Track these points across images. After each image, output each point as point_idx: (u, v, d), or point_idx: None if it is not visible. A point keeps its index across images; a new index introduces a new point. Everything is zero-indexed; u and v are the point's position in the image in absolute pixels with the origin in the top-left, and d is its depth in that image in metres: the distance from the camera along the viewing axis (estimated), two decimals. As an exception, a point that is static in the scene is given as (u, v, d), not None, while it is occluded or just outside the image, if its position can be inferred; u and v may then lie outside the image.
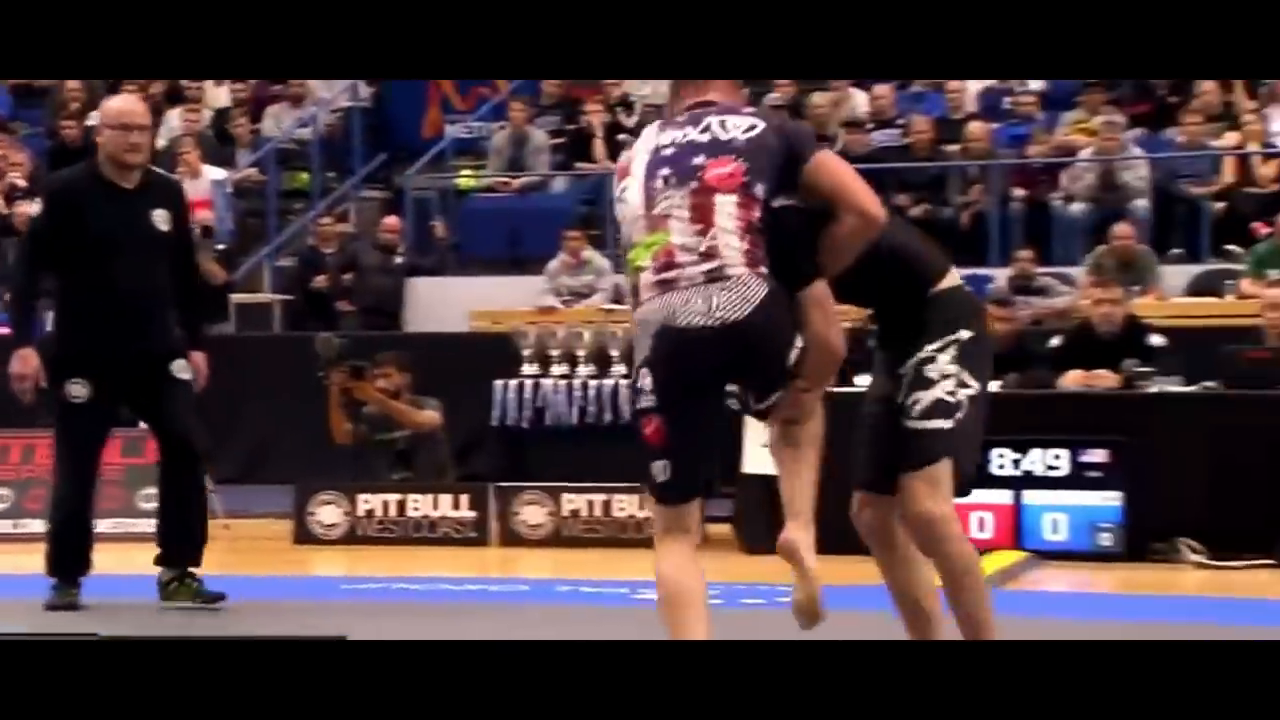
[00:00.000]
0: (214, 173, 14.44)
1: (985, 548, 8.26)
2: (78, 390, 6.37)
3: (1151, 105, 13.83)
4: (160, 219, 6.43)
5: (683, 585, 4.02)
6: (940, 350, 4.13)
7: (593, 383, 10.79)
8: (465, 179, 14.38)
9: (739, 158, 3.98)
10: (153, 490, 9.61)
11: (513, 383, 10.88)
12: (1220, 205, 12.75)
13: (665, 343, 3.94)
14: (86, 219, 6.33)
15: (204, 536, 6.61)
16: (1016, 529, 8.38)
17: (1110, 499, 8.27)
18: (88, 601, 6.51)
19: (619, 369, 10.78)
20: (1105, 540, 8.25)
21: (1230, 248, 12.48)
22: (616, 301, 12.71)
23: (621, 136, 14.58)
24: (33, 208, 6.69)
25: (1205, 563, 8.04)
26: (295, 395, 10.65)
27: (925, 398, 4.11)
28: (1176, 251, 12.68)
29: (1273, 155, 12.95)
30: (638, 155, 4.10)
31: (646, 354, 3.98)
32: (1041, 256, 12.31)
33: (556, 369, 10.92)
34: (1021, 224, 12.96)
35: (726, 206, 3.95)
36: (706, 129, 4.03)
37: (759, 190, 3.97)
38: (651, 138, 4.11)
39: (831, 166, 4.04)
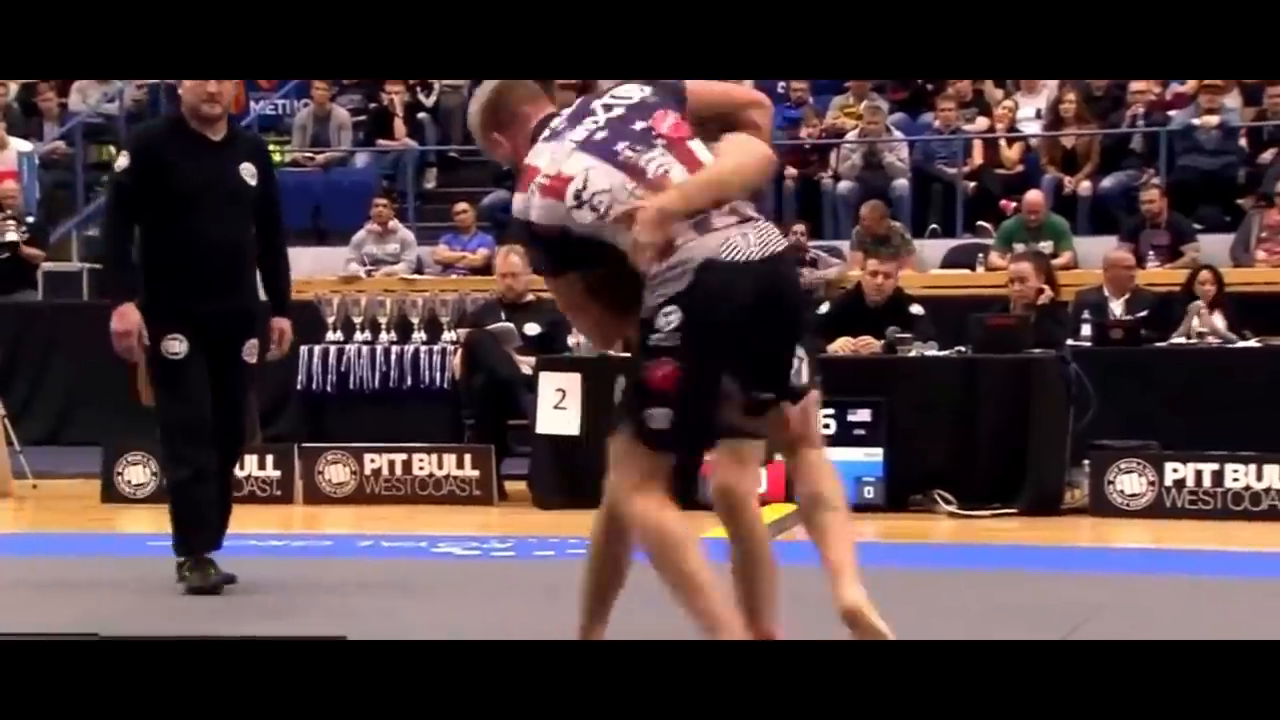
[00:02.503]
0: (20, 145, 14.02)
1: (761, 501, 8.44)
2: (176, 346, 5.74)
3: (910, 91, 14.15)
4: (247, 172, 5.86)
5: (681, 527, 3.70)
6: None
7: (395, 348, 10.79)
8: (271, 154, 14.13)
9: (666, 109, 3.79)
10: None
11: (318, 348, 10.79)
12: (972, 185, 13.11)
13: (710, 275, 3.64)
14: (173, 171, 5.74)
15: (225, 523, 5.95)
16: (788, 483, 8.53)
17: (873, 455, 8.46)
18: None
19: (420, 335, 10.77)
20: (869, 493, 8.44)
21: (981, 224, 12.84)
22: (418, 272, 12.65)
23: (421, 115, 14.51)
24: (118, 161, 5.90)
25: (956, 512, 8.27)
26: (103, 360, 10.39)
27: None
28: (934, 227, 13.01)
29: (1017, 139, 13.35)
30: (563, 161, 3.77)
31: (680, 289, 3.63)
32: (813, 230, 12.54)
33: (360, 335, 10.89)
34: (795, 200, 13.18)
35: (699, 151, 3.79)
36: (609, 108, 3.83)
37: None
38: (559, 143, 3.82)
39: (705, 83, 3.88)
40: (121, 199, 5.87)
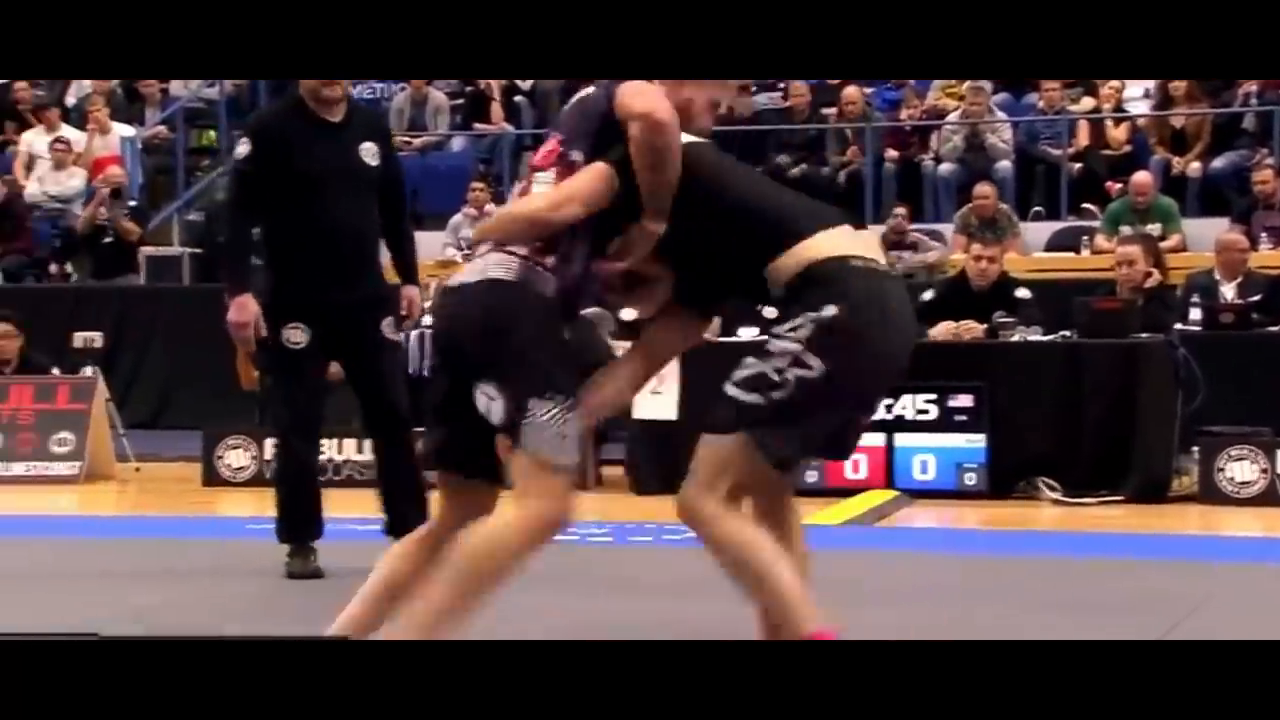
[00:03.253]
0: (123, 130, 14.23)
1: (859, 487, 8.40)
2: (296, 336, 5.68)
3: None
4: (369, 153, 5.76)
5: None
6: (794, 327, 3.55)
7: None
8: (391, 132, 14.23)
9: (558, 130, 3.74)
10: (66, 435, 9.63)
11: (414, 333, 10.85)
12: (1077, 166, 12.93)
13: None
14: (294, 155, 5.64)
15: (425, 505, 5.73)
16: (889, 469, 8.48)
17: (975, 441, 8.39)
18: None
19: (515, 319, 10.76)
20: (970, 479, 8.37)
21: (1086, 206, 12.67)
22: (513, 254, 12.68)
23: (517, 98, 14.55)
24: (238, 149, 5.82)
25: (1061, 499, 8.18)
26: (203, 344, 10.53)
27: (751, 367, 3.58)
28: (1037, 209, 12.85)
29: (1124, 119, 13.14)
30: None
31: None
32: (913, 214, 12.44)
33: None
34: (894, 183, 13.08)
35: (543, 185, 3.65)
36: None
37: (575, 155, 3.64)
38: None
39: (624, 88, 3.60)
40: (243, 186, 5.81)
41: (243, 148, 5.79)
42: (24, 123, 14.60)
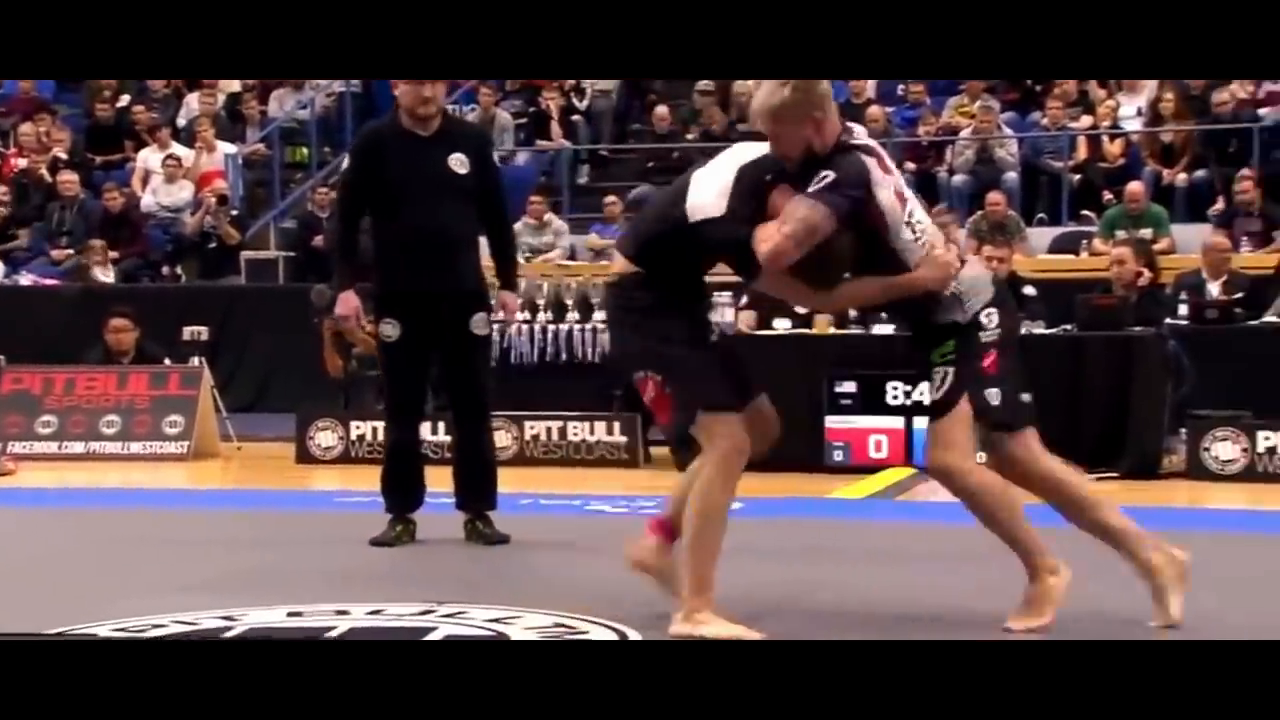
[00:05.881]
0: (227, 148, 14.31)
1: (881, 465, 8.35)
2: (389, 330, 5.70)
3: (1020, 92, 13.90)
4: (457, 163, 5.72)
5: (1010, 491, 4.16)
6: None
7: (551, 327, 10.81)
8: (489, 145, 14.23)
9: None
10: (177, 417, 9.71)
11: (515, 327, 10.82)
12: (1077, 177, 12.84)
13: (1001, 290, 4.24)
14: (386, 166, 5.68)
15: (493, 486, 5.90)
16: (908, 449, 8.42)
17: (984, 424, 8.32)
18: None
19: (573, 315, 10.78)
20: (980, 458, 8.29)
21: (1085, 213, 12.57)
22: (570, 258, 12.69)
23: (575, 118, 14.56)
24: (345, 163, 6.04)
25: (1062, 476, 8.10)
26: (296, 337, 10.58)
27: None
28: (1041, 216, 12.77)
29: (1119, 135, 13.04)
30: (899, 182, 4.08)
31: (990, 299, 4.14)
32: (929, 220, 12.35)
33: (520, 316, 10.91)
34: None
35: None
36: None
37: None
38: (887, 165, 4.08)
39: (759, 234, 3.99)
40: (345, 195, 5.92)
41: (347, 161, 5.90)
42: (140, 141, 14.72)
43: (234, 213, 13.27)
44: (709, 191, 3.97)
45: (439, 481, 5.99)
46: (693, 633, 3.85)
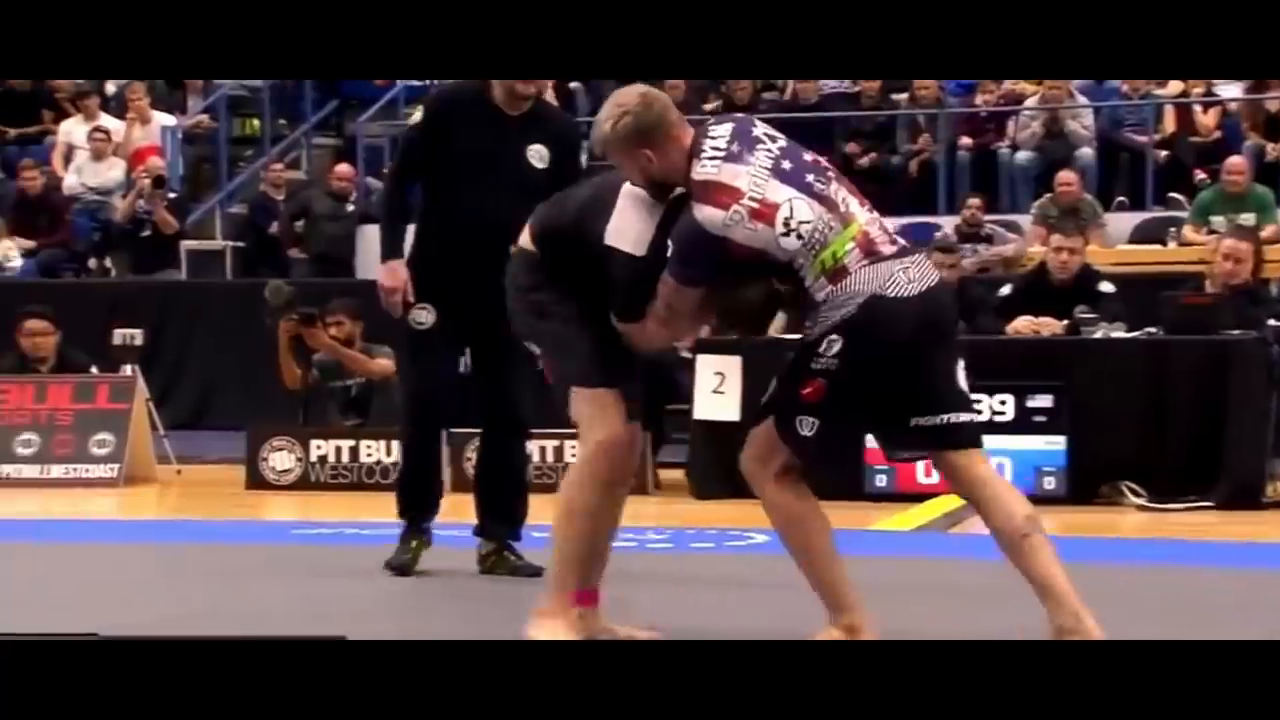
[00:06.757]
0: (164, 119, 14.36)
1: (931, 492, 8.36)
2: (422, 316, 5.76)
3: (1097, 54, 13.89)
4: (535, 155, 5.74)
5: (816, 512, 4.26)
6: None
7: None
8: (578, 141, 14.29)
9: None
10: (106, 436, 9.74)
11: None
12: (1163, 154, 12.83)
13: (873, 311, 4.10)
14: (455, 136, 5.70)
15: (524, 511, 5.90)
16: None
17: (1054, 443, 8.34)
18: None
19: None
20: (1049, 484, 8.32)
21: (1173, 195, 12.57)
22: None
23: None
24: (413, 116, 5.95)
25: (1146, 505, 8.12)
26: (246, 341, 10.62)
27: None
28: (1121, 199, 12.77)
29: (1213, 103, 13.02)
30: (764, 187, 4.12)
31: (845, 318, 4.10)
32: (989, 204, 12.38)
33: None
34: (969, 172, 13.02)
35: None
36: (772, 138, 4.21)
37: None
38: (747, 167, 4.14)
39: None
40: (406, 154, 5.92)
41: (416, 115, 5.92)
42: (61, 112, 14.75)
43: (172, 195, 13.31)
44: (636, 225, 4.30)
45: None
46: (530, 634, 4.27)
